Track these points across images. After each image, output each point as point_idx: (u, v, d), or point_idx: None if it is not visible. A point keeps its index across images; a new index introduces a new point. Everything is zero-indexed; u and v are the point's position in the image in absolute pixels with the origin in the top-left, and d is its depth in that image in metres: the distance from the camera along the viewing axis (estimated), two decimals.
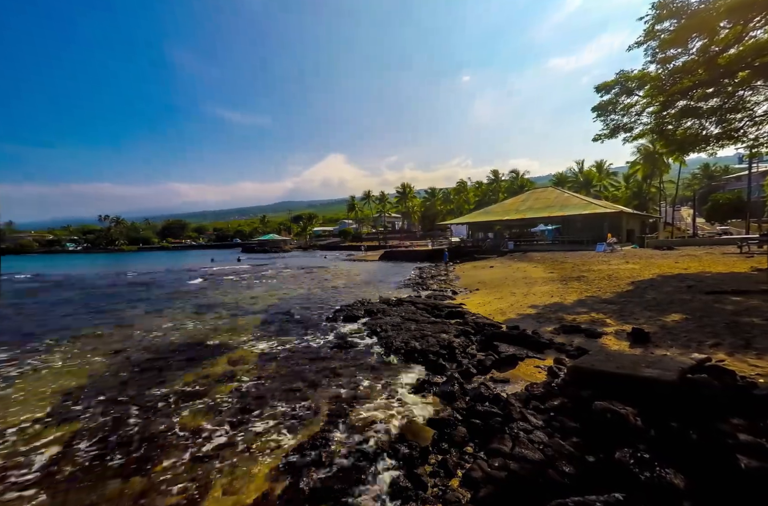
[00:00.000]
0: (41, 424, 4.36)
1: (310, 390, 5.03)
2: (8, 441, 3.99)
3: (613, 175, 59.40)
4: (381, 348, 6.48)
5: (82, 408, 4.76)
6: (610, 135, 13.19)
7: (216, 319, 10.15)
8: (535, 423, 3.54)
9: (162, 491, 3.08)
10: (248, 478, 3.19)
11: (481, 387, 4.50)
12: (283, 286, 17.41)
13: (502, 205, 38.17)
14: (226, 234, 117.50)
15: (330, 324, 8.95)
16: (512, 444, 3.17)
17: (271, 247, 71.51)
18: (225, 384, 5.34)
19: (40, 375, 6.13)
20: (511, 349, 5.87)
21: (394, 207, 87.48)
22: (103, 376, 5.96)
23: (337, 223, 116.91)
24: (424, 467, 3.15)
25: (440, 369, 5.56)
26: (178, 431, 4.06)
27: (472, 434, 3.59)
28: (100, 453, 3.67)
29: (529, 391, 4.33)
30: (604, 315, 7.53)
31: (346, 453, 3.39)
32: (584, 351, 5.52)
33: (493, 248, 31.58)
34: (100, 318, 10.81)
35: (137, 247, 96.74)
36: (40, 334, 8.97)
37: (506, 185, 70.17)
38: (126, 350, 7.38)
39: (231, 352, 6.93)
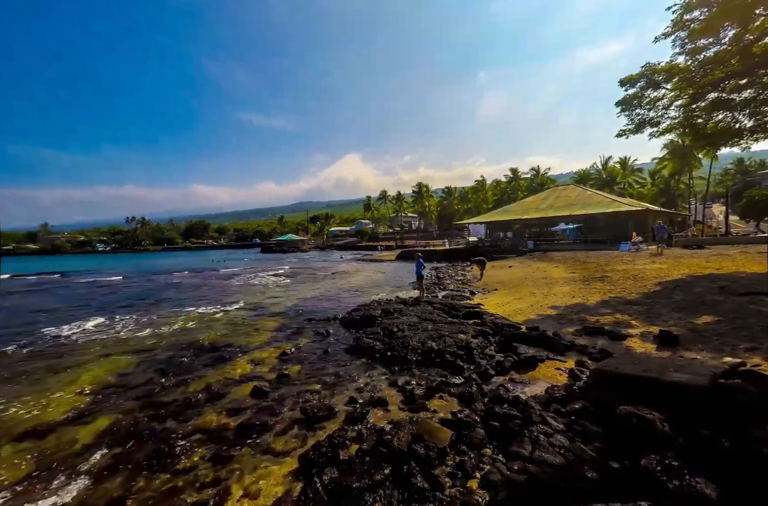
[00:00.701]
0: (79, 417, 4.59)
1: (327, 391, 5.08)
2: (47, 435, 4.22)
3: (639, 172, 57.29)
4: (398, 349, 6.47)
5: (113, 403, 4.98)
6: (635, 130, 12.71)
7: (236, 320, 10.39)
8: (555, 426, 3.46)
9: (187, 487, 3.19)
10: (268, 478, 3.26)
11: (500, 389, 4.44)
12: (299, 286, 17.66)
13: (521, 204, 37.42)
14: (246, 234, 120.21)
15: (347, 324, 9.01)
16: (532, 448, 3.11)
17: (289, 247, 72.63)
18: (246, 384, 5.47)
19: (73, 369, 6.46)
20: (530, 351, 5.76)
21: (411, 206, 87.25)
22: (134, 372, 6.22)
23: (353, 223, 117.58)
24: (441, 468, 3.13)
25: (458, 369, 5.52)
26: (200, 429, 4.18)
27: (490, 436, 3.54)
28: (130, 448, 3.83)
29: (550, 394, 4.23)
30: (629, 317, 7.27)
31: (363, 453, 3.40)
32: (608, 353, 5.35)
33: (512, 248, 31.00)
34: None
35: (162, 247, 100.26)
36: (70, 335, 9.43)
37: (526, 183, 68.79)
38: (157, 347, 7.69)
39: (251, 352, 7.08)
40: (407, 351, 6.29)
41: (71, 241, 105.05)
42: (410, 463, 3.14)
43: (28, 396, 5.30)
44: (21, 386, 5.74)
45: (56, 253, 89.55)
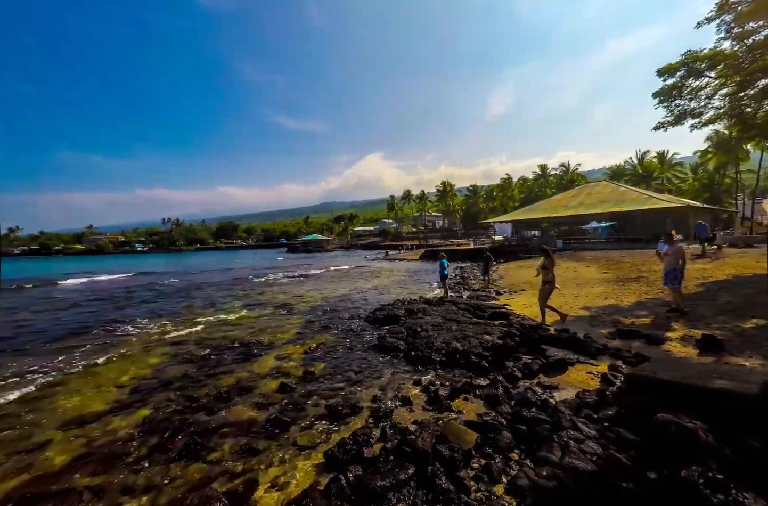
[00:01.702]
0: (121, 408, 4.88)
1: (351, 389, 5.13)
2: (94, 423, 4.52)
3: (679, 166, 53.97)
4: (422, 348, 6.43)
5: (151, 395, 5.26)
6: (674, 122, 11.99)
7: (264, 317, 10.69)
8: (587, 432, 3.33)
9: (218, 477, 3.31)
10: (294, 471, 3.33)
11: (528, 392, 4.32)
12: (325, 285, 17.92)
13: (549, 202, 36.20)
14: (273, 234, 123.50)
15: (371, 323, 9.07)
16: (562, 454, 3.00)
17: (314, 247, 73.95)
18: (273, 379, 5.62)
19: (117, 362, 6.88)
20: (560, 353, 5.57)
21: (435, 206, 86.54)
22: (170, 366, 6.54)
23: (377, 223, 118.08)
24: (466, 470, 3.09)
25: (483, 371, 5.42)
26: (230, 422, 4.33)
27: (517, 440, 3.45)
28: (166, 438, 4.03)
29: (581, 399, 4.08)
30: (668, 320, 6.87)
31: (387, 452, 3.41)
32: (644, 357, 5.09)
33: (539, 246, 30.13)
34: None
35: (194, 247, 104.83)
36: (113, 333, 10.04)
37: (555, 180, 66.51)
38: (187, 343, 8.05)
39: (277, 349, 7.27)
40: (431, 352, 6.24)
41: (113, 242, 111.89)
42: (434, 464, 3.11)
43: (78, 386, 5.70)
44: (71, 377, 6.17)
45: (100, 253, 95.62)
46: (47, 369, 6.56)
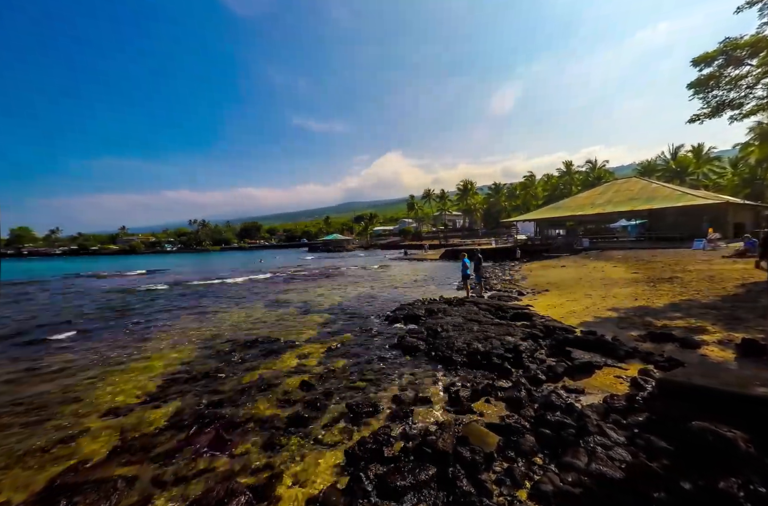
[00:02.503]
0: (152, 401, 5.11)
1: (372, 388, 5.15)
2: (127, 415, 4.75)
3: (716, 161, 50.98)
4: (442, 349, 6.38)
5: (180, 389, 5.47)
6: (711, 114, 11.33)
7: (286, 316, 10.91)
8: (615, 438, 3.21)
9: (242, 471, 3.41)
10: (315, 468, 3.38)
11: (552, 395, 4.20)
12: (344, 285, 18.07)
13: (575, 199, 35.05)
14: (295, 234, 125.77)
15: (391, 323, 9.07)
16: (588, 460, 2.91)
17: (334, 247, 74.77)
18: (294, 377, 5.72)
19: (148, 357, 7.20)
20: (586, 356, 5.38)
21: (455, 205, 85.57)
22: (197, 362, 6.79)
23: (397, 223, 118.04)
24: (488, 473, 3.04)
25: (505, 373, 5.32)
26: (254, 418, 4.44)
27: (541, 444, 3.37)
28: (194, 431, 4.18)
29: (608, 403, 3.93)
30: (704, 322, 6.52)
31: (407, 452, 3.40)
32: (678, 362, 4.85)
33: (564, 246, 29.18)
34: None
35: (220, 247, 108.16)
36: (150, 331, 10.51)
37: (580, 178, 64.33)
38: (215, 340, 8.33)
39: (299, 347, 7.39)
40: (452, 352, 6.18)
41: (144, 242, 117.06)
42: (455, 466, 3.09)
43: (114, 379, 6.01)
44: (106, 369, 6.51)
45: (132, 253, 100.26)
46: (84, 360, 6.96)
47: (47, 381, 6.07)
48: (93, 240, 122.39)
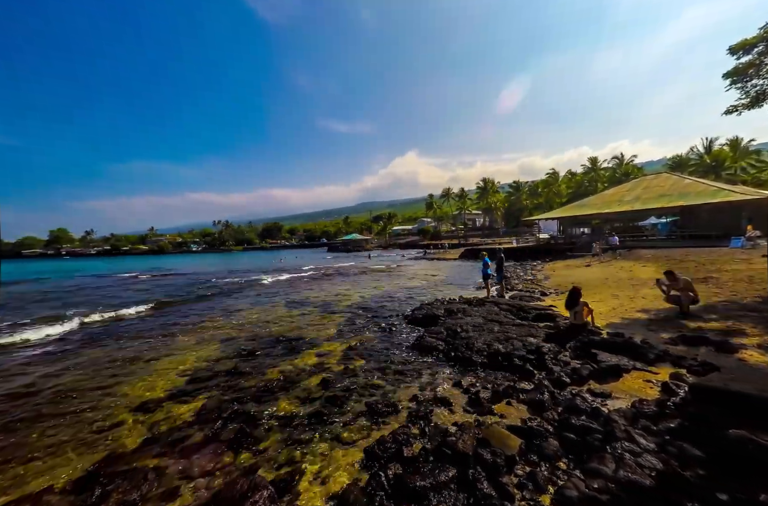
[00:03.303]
0: (179, 396, 5.30)
1: (390, 387, 5.16)
2: (156, 409, 4.95)
3: (755, 154, 47.98)
4: (462, 349, 6.31)
5: (205, 385, 5.65)
6: (750, 104, 10.65)
7: (306, 315, 11.07)
8: (645, 445, 3.08)
9: (266, 466, 3.49)
10: (336, 465, 3.42)
11: (577, 399, 4.08)
12: (363, 284, 18.16)
13: (601, 196, 33.81)
14: (314, 234, 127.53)
15: (410, 322, 9.05)
16: (616, 466, 2.80)
17: (353, 246, 75.27)
18: (315, 375, 5.81)
19: (174, 354, 7.48)
20: (613, 359, 5.20)
21: (475, 203, 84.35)
22: (221, 359, 6.99)
23: (415, 222, 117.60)
24: (510, 476, 2.99)
25: (527, 375, 5.20)
26: (276, 414, 4.54)
27: (565, 449, 3.28)
28: (219, 426, 4.31)
29: (637, 408, 3.78)
30: (742, 325, 6.16)
31: (427, 452, 3.39)
32: (713, 367, 4.60)
33: (589, 245, 28.25)
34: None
35: (242, 247, 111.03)
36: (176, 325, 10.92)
37: (607, 174, 62.00)
38: (238, 337, 8.56)
39: (318, 346, 7.49)
40: (472, 353, 6.11)
41: (171, 242, 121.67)
42: (476, 468, 3.04)
43: (142, 375, 6.28)
44: (136, 367, 6.81)
45: (161, 253, 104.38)
46: (118, 356, 7.31)
47: (85, 374, 6.41)
48: (124, 240, 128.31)
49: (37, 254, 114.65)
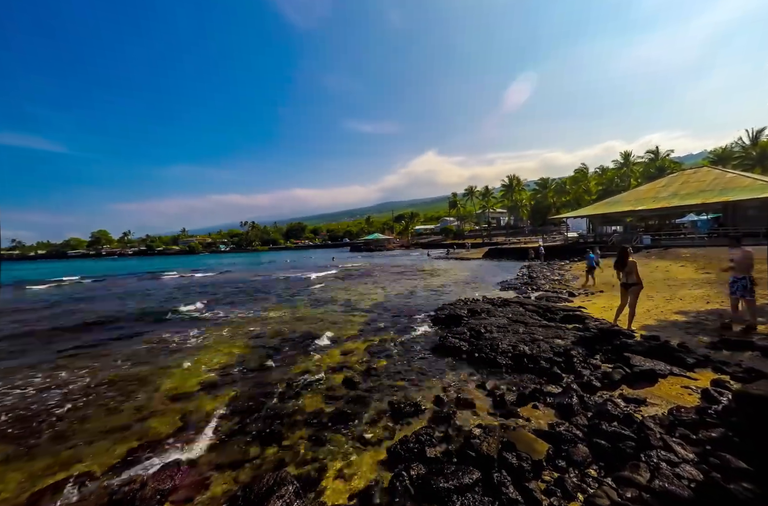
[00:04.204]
0: (209, 389, 5.52)
1: (413, 387, 5.14)
2: (187, 401, 5.17)
3: None
4: (486, 351, 6.20)
5: (233, 380, 5.85)
6: None
7: (329, 313, 11.21)
8: (683, 455, 2.92)
9: (290, 461, 3.56)
10: (359, 463, 3.44)
11: (608, 404, 3.91)
12: (385, 284, 18.18)
13: (635, 193, 32.22)
14: (337, 234, 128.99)
15: (433, 323, 8.98)
16: (651, 476, 2.67)
17: (375, 246, 75.54)
18: (338, 373, 5.88)
19: (206, 349, 7.78)
20: (647, 363, 4.94)
21: (499, 202, 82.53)
22: (248, 355, 7.21)
23: (438, 221, 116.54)
24: (536, 482, 2.90)
25: (555, 378, 5.04)
26: (300, 411, 4.62)
27: (595, 456, 3.15)
28: (246, 420, 4.46)
29: (675, 416, 3.58)
30: None
31: (450, 454, 3.35)
32: (760, 373, 4.30)
33: (622, 243, 27.00)
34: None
35: (268, 247, 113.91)
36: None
37: (640, 169, 58.97)
38: (263, 335, 8.81)
39: (341, 344, 7.58)
40: (496, 354, 5.99)
41: (201, 243, 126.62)
42: (501, 472, 2.98)
43: (175, 369, 6.57)
44: (170, 361, 7.13)
45: (192, 253, 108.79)
46: (150, 348, 7.70)
47: (119, 366, 6.80)
48: (158, 241, 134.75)
49: (80, 254, 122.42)
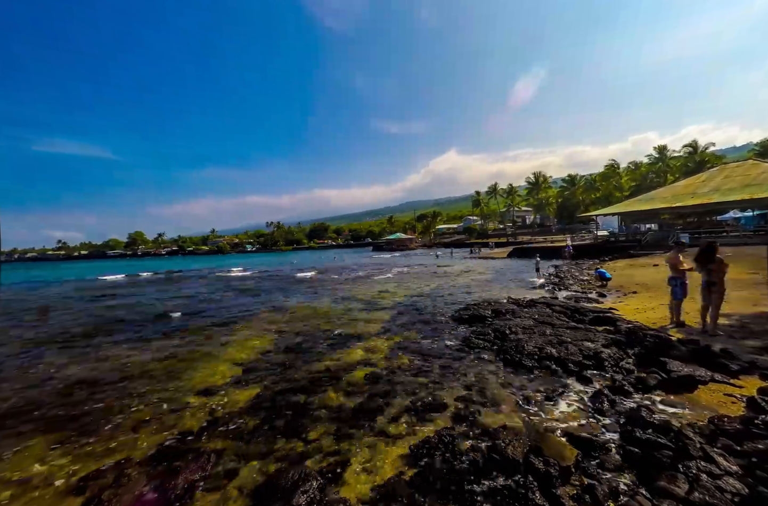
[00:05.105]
0: (236, 384, 5.70)
1: (435, 386, 5.10)
2: (215, 394, 5.37)
3: None
4: (511, 352, 6.06)
5: (258, 375, 6.01)
6: None
7: (352, 311, 11.31)
8: (725, 466, 2.74)
9: (314, 455, 3.62)
10: (382, 458, 3.46)
11: (641, 410, 3.73)
12: (408, 283, 18.12)
13: (671, 189, 30.48)
14: (360, 234, 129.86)
15: (455, 323, 8.87)
16: (689, 488, 2.53)
17: (397, 246, 75.46)
18: (360, 369, 5.92)
19: (232, 345, 8.04)
20: (686, 369, 4.67)
21: (525, 199, 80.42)
22: (273, 351, 7.40)
23: (461, 220, 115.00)
24: (565, 489, 2.81)
25: (584, 382, 4.86)
26: (324, 406, 4.69)
27: (628, 464, 3.01)
28: (271, 414, 4.57)
29: (717, 425, 3.36)
30: None
31: (474, 455, 3.30)
32: None
33: (657, 242, 25.67)
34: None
35: (292, 247, 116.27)
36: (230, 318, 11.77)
37: (678, 163, 55.74)
38: (286, 332, 9.00)
39: (364, 341, 7.62)
40: (522, 356, 5.84)
41: (229, 243, 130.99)
42: (527, 477, 2.91)
43: (204, 364, 6.83)
44: (200, 353, 7.42)
45: (220, 253, 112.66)
46: (183, 343, 8.04)
47: (151, 359, 7.15)
48: (189, 242, 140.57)
49: (118, 254, 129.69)
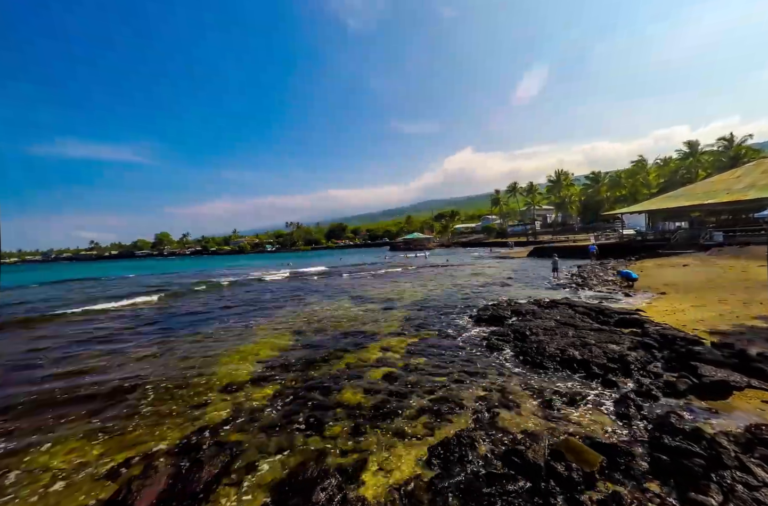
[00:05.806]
0: (258, 381, 5.82)
1: (454, 386, 5.06)
2: (238, 391, 5.51)
3: None
4: (531, 354, 5.93)
5: (279, 373, 6.12)
6: None
7: (370, 311, 11.34)
8: (763, 477, 2.60)
9: (333, 452, 3.67)
10: (399, 458, 3.46)
11: (671, 416, 3.58)
12: (426, 283, 18.02)
13: (702, 185, 29.04)
14: (377, 234, 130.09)
15: (475, 323, 8.77)
16: (723, 499, 2.41)
17: (415, 246, 75.12)
18: (378, 368, 5.94)
19: (254, 343, 8.23)
20: (719, 374, 4.46)
21: (545, 198, 78.43)
22: (293, 349, 7.52)
23: (479, 219, 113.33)
24: (589, 494, 2.73)
25: (609, 385, 4.71)
26: (342, 404, 4.74)
27: (657, 471, 2.90)
28: (292, 410, 4.66)
29: (754, 434, 3.19)
30: None
31: (493, 458, 3.26)
32: None
33: (687, 241, 24.53)
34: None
35: (310, 247, 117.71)
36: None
37: (711, 158, 52.93)
38: (305, 331, 9.13)
39: (382, 340, 7.64)
40: (543, 358, 5.72)
41: (250, 243, 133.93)
42: (549, 482, 2.85)
43: (229, 359, 7.02)
44: (225, 351, 7.63)
45: (241, 253, 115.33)
46: (204, 343, 8.29)
47: (179, 358, 7.40)
48: (212, 242, 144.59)
49: (146, 254, 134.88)
